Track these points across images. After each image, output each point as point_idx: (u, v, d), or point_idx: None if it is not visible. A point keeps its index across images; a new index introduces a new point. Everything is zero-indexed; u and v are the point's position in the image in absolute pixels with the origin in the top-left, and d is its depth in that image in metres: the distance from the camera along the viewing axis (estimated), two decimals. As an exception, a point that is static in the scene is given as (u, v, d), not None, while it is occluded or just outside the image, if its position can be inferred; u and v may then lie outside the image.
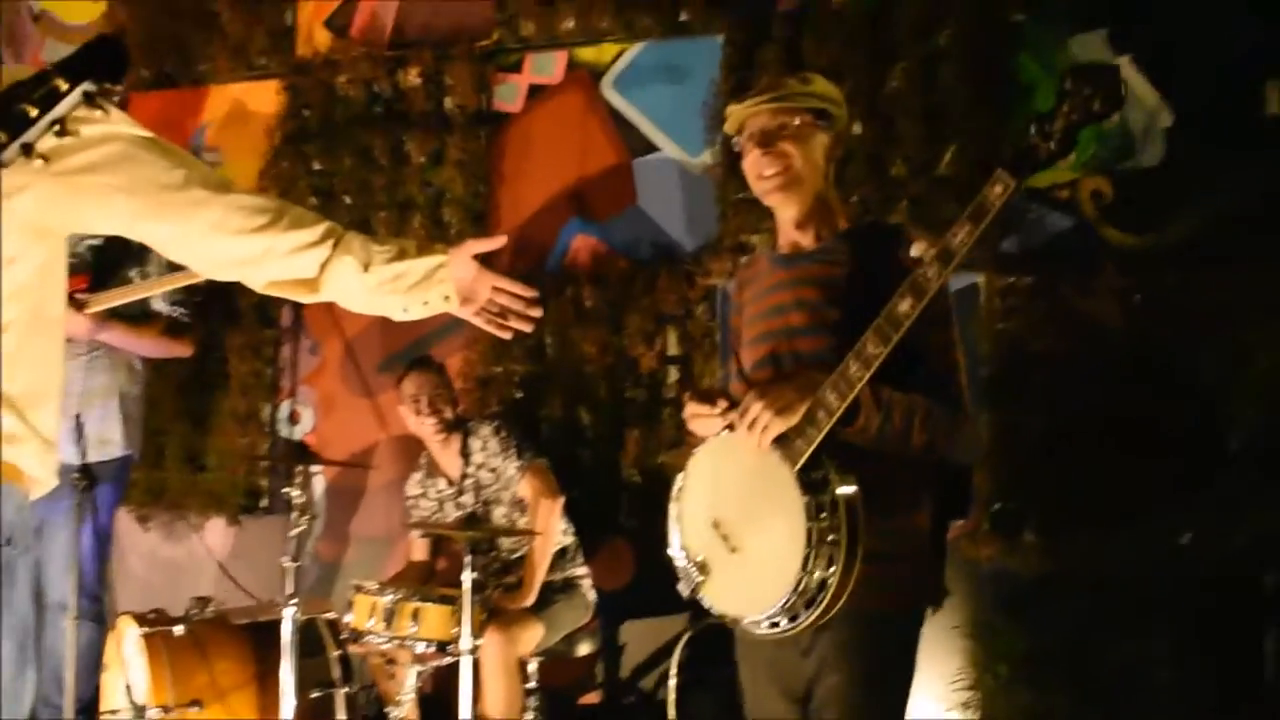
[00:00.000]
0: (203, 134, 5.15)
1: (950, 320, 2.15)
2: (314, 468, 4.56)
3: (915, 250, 1.91)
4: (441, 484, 4.06)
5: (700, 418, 2.21)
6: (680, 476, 2.28)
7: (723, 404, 2.17)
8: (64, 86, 1.47)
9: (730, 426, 2.13)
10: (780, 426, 2.02)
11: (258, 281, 1.95)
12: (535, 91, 4.71)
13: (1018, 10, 4.12)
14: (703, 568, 2.18)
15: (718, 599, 2.17)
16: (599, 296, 4.49)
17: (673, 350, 4.41)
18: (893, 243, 2.19)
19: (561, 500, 3.83)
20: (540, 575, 3.72)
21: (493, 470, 3.93)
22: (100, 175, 1.77)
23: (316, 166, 4.88)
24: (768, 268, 2.32)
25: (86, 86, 1.48)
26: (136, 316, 3.81)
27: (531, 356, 4.51)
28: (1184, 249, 3.80)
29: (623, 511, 4.30)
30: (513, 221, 4.69)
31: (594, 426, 4.23)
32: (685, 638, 3.58)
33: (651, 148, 4.52)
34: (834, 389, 1.97)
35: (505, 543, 3.94)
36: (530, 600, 3.70)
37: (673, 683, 3.56)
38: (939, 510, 2.22)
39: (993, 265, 4.02)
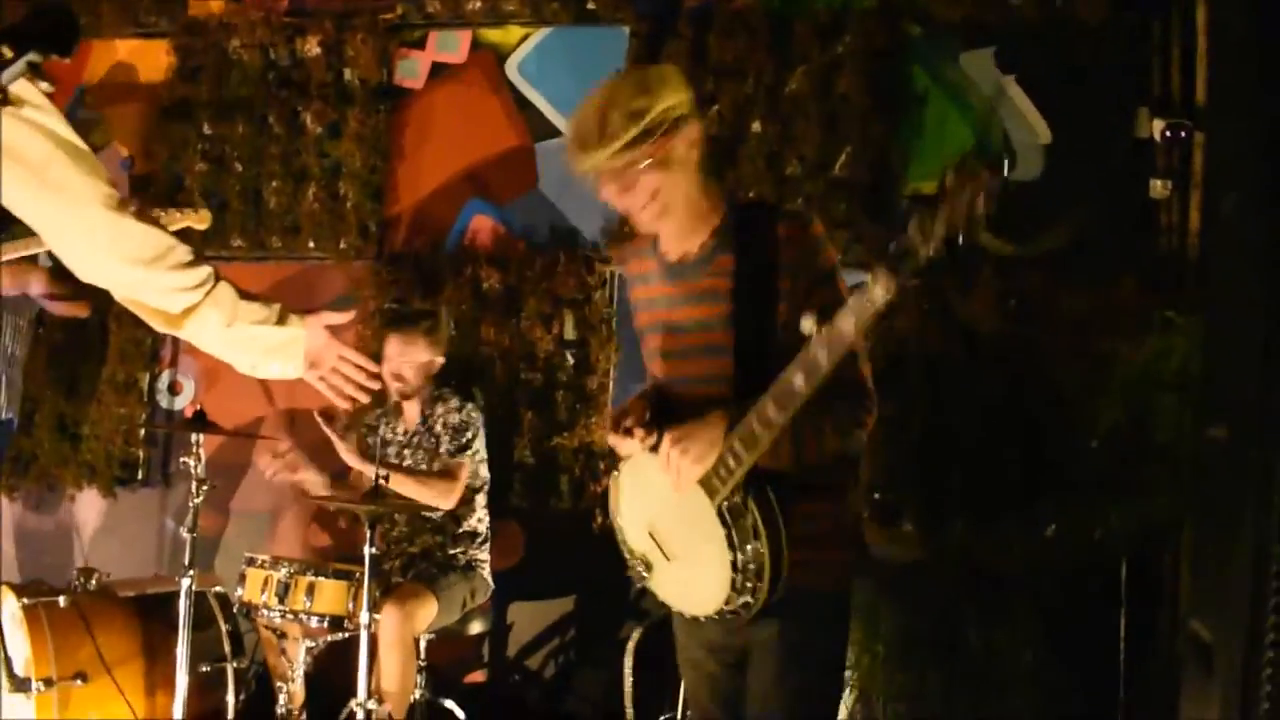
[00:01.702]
0: (81, 95, 5.02)
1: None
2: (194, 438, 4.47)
3: (805, 326, 1.85)
4: (400, 428, 4.04)
5: (620, 438, 2.20)
6: (613, 486, 2.33)
7: (645, 437, 2.15)
8: (8, 54, 1.49)
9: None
10: (695, 474, 2.05)
11: (120, 295, 2.02)
12: (438, 69, 4.74)
13: (913, 24, 4.37)
14: (647, 564, 2.26)
15: (664, 592, 2.26)
16: (497, 278, 4.56)
17: (570, 335, 4.50)
18: (767, 226, 2.15)
19: (457, 493, 3.83)
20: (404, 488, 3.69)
21: (441, 436, 3.93)
22: (18, 164, 1.79)
23: (207, 131, 4.84)
24: (656, 273, 2.26)
25: (32, 57, 1.51)
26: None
27: (428, 336, 4.51)
28: (1056, 257, 4.04)
29: (514, 493, 4.40)
30: (411, 198, 4.73)
31: (489, 408, 4.27)
32: (636, 636, 3.67)
33: (554, 132, 4.58)
34: (742, 441, 1.99)
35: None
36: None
37: (629, 684, 3.66)
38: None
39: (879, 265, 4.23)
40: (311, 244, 4.75)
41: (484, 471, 4.00)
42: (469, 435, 3.93)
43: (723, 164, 4.34)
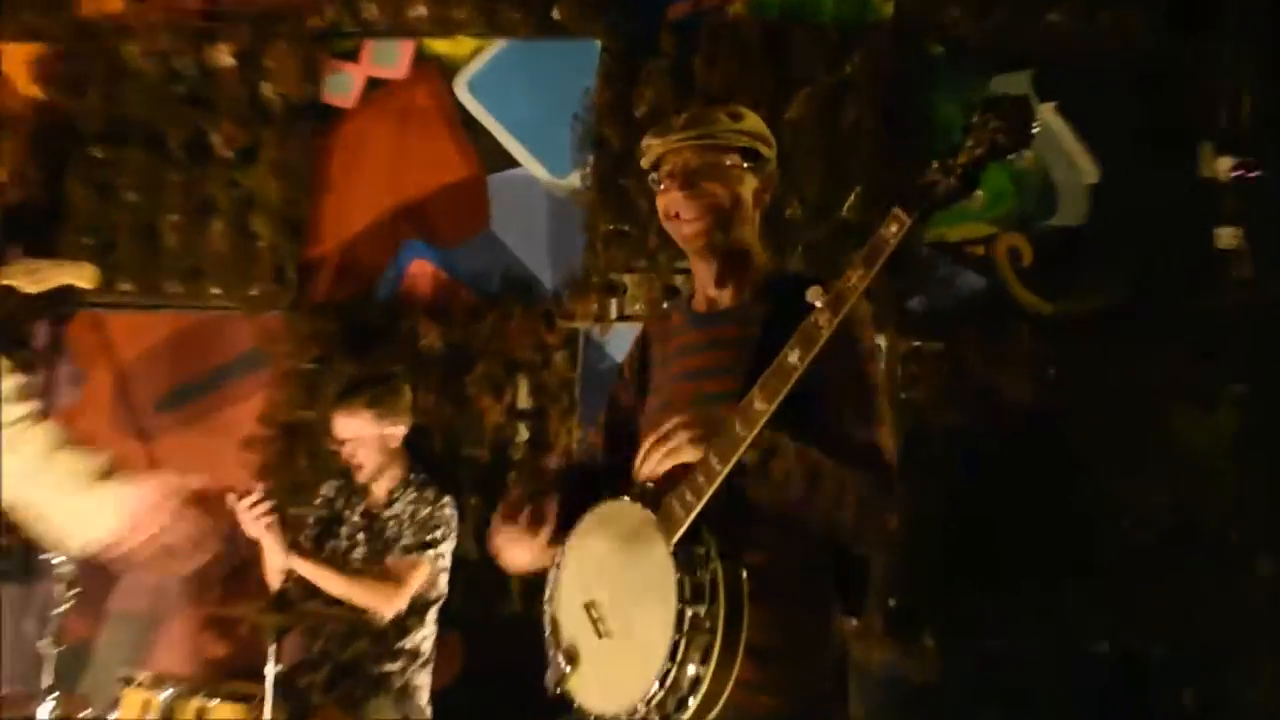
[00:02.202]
0: None
1: (869, 375, 2.16)
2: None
3: (811, 296, 1.92)
4: (360, 507, 3.91)
5: (512, 543, 2.22)
6: (551, 571, 2.25)
7: (542, 529, 2.18)
8: None
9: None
10: (689, 455, 2.03)
11: None
12: (374, 85, 4.64)
13: (935, 43, 4.21)
14: (571, 656, 2.18)
15: (584, 693, 2.14)
16: (439, 335, 4.39)
17: (524, 404, 4.35)
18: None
19: (401, 599, 3.66)
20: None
21: (399, 530, 3.82)
22: None
23: (96, 154, 4.68)
24: (682, 326, 2.36)
25: None
26: None
27: (352, 402, 4.32)
28: (1104, 317, 3.91)
29: (454, 595, 4.01)
30: (337, 238, 4.58)
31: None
32: None
33: (510, 163, 4.48)
34: (716, 451, 1.98)
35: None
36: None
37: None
38: (835, 604, 2.22)
39: (896, 326, 4.04)
40: (216, 290, 4.62)
41: (443, 584, 3.81)
42: (436, 534, 3.76)
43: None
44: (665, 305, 2.61)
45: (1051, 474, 3.85)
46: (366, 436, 3.78)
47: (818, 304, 1.92)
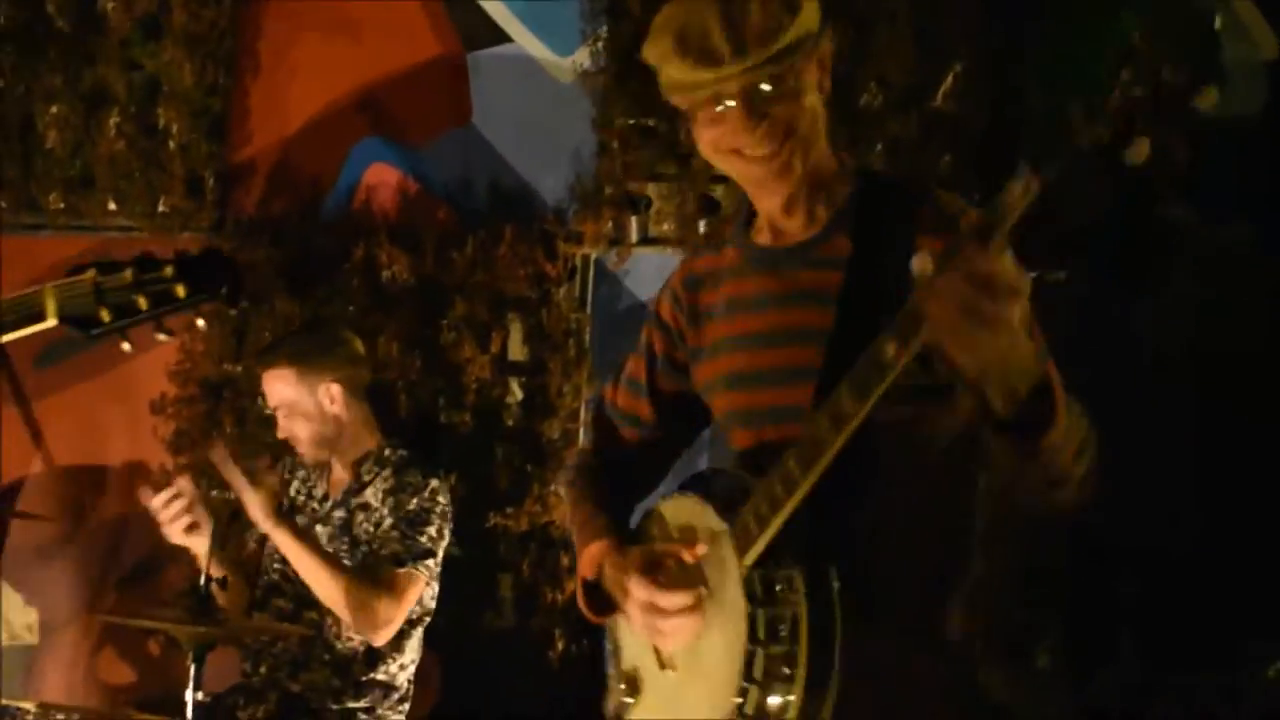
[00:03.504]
0: None
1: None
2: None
3: (916, 264, 1.82)
4: (320, 490, 3.95)
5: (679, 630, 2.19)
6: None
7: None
8: (181, 292, 2.17)
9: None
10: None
11: None
12: None
13: None
14: (633, 684, 2.28)
15: None
16: (405, 264, 4.41)
17: (517, 354, 4.39)
18: (913, 212, 2.19)
19: (393, 622, 3.65)
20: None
21: (377, 527, 3.82)
22: None
23: None
24: (739, 266, 2.35)
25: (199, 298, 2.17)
26: None
27: (295, 352, 4.41)
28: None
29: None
30: (271, 135, 4.60)
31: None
32: None
33: (499, 37, 4.46)
34: (799, 456, 2.00)
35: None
36: None
37: None
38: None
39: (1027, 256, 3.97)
40: (113, 205, 4.59)
41: (431, 597, 3.81)
42: (431, 533, 3.72)
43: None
44: (711, 234, 2.46)
45: (1219, 448, 3.75)
46: (296, 401, 3.84)
47: (921, 277, 1.83)
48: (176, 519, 3.54)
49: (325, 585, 3.59)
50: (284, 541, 3.51)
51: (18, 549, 4.43)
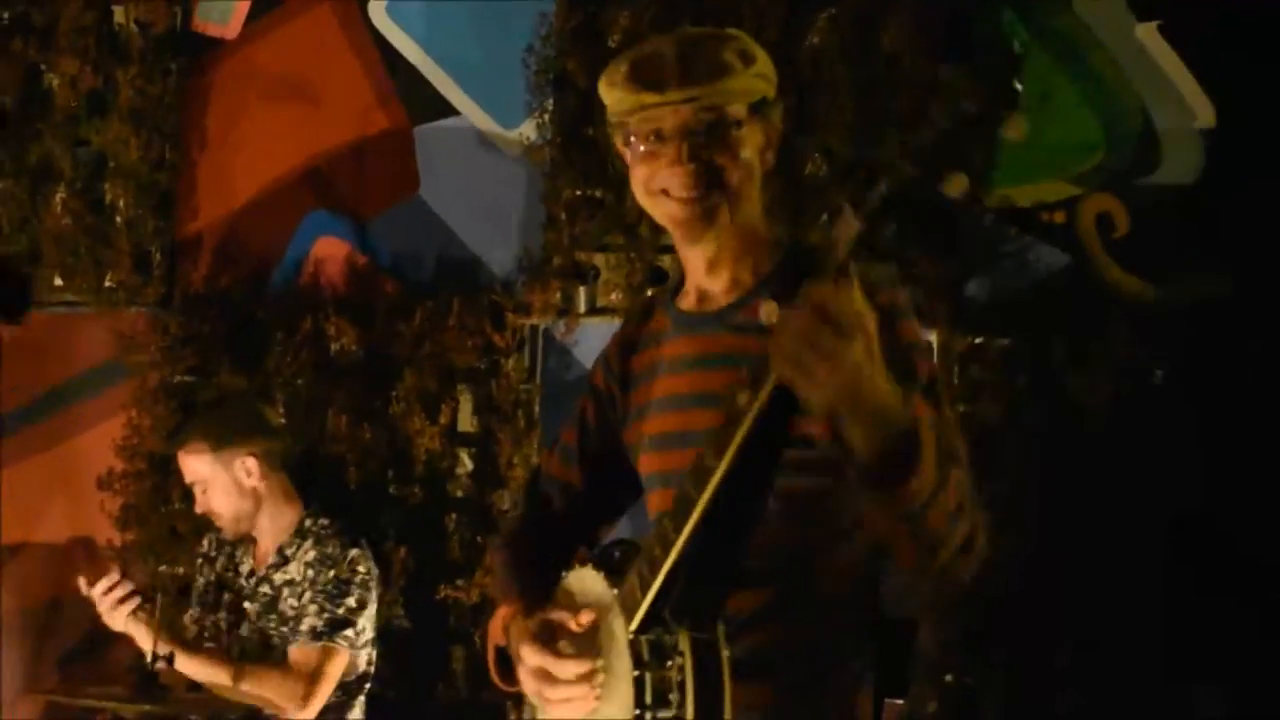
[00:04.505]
0: None
1: (919, 371, 2.07)
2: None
3: (763, 313, 1.83)
4: (246, 566, 3.91)
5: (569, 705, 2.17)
6: None
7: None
8: None
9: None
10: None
11: None
12: (261, 8, 4.64)
13: None
14: None
15: None
16: (353, 336, 4.40)
17: (467, 425, 4.36)
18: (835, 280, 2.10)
19: (316, 700, 3.63)
20: None
21: (299, 601, 3.78)
22: None
23: None
24: (667, 330, 2.35)
25: None
26: None
27: (241, 426, 4.37)
28: (1226, 304, 3.81)
29: (379, 673, 3.99)
30: (218, 208, 4.58)
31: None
32: None
33: (445, 109, 4.46)
34: (671, 518, 1.98)
35: None
36: None
37: None
38: (880, 682, 2.21)
39: (950, 318, 3.97)
40: (59, 281, 4.60)
41: (366, 661, 3.78)
42: (350, 603, 3.70)
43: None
44: (649, 294, 2.60)
45: (1156, 508, 3.76)
46: (211, 477, 3.81)
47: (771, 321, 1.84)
48: (116, 606, 3.52)
49: (232, 685, 3.57)
50: (181, 659, 3.51)
51: None
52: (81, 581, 3.49)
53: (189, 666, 3.55)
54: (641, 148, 2.20)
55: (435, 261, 4.40)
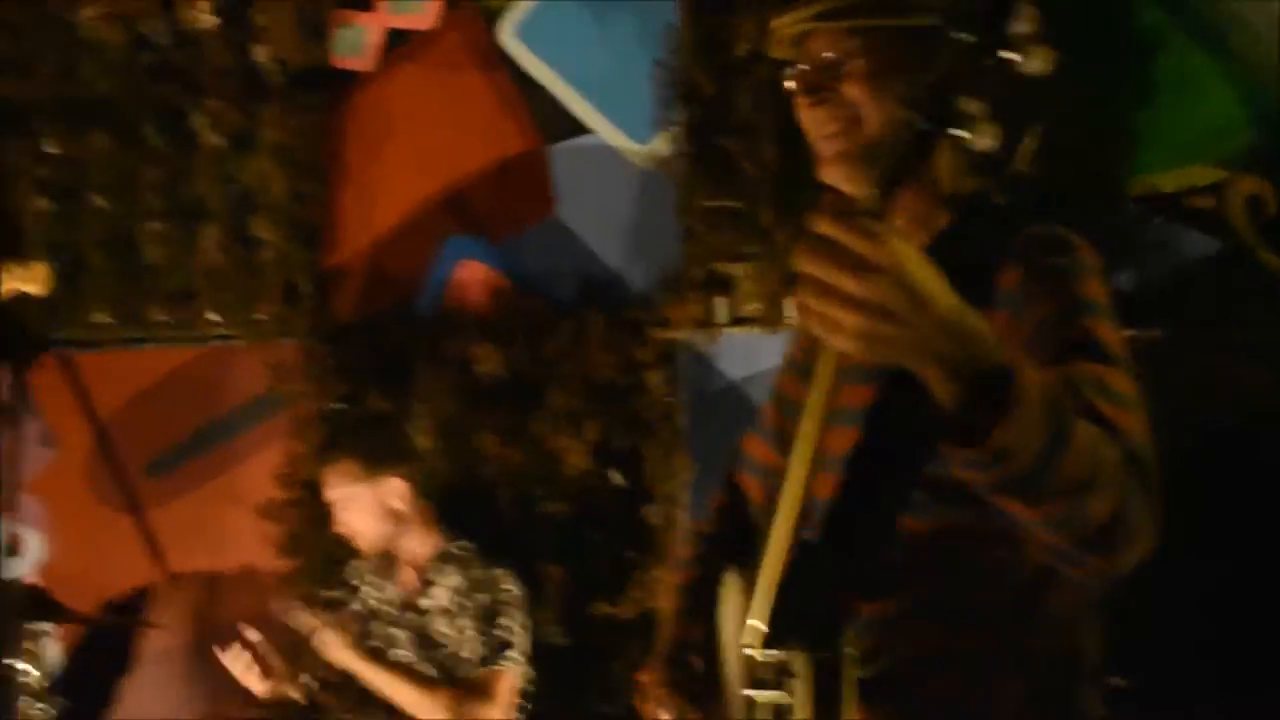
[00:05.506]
0: None
1: (1103, 339, 1.84)
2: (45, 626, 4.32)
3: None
4: (391, 590, 3.98)
5: None
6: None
7: None
8: None
9: None
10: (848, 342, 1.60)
11: None
12: (396, 40, 4.67)
13: None
14: None
15: None
16: (499, 357, 4.40)
17: (611, 442, 4.33)
18: (1002, 243, 1.92)
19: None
20: None
21: (454, 628, 3.83)
22: None
23: (50, 150, 4.73)
24: None
25: None
26: None
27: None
28: None
29: (534, 694, 4.06)
30: (361, 237, 4.63)
31: (489, 554, 4.05)
32: None
33: (578, 129, 4.47)
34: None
35: None
36: None
37: None
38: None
39: None
40: (213, 316, 4.66)
41: (524, 679, 3.89)
42: (507, 623, 3.79)
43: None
44: None
45: None
46: (357, 495, 3.86)
47: None
48: (250, 669, 3.66)
49: (422, 706, 3.66)
50: (370, 673, 3.63)
51: (144, 659, 4.51)
52: (217, 650, 3.64)
53: (375, 676, 3.65)
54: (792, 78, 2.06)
55: (574, 279, 4.42)
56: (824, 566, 1.86)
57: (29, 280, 3.59)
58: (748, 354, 4.15)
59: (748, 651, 1.88)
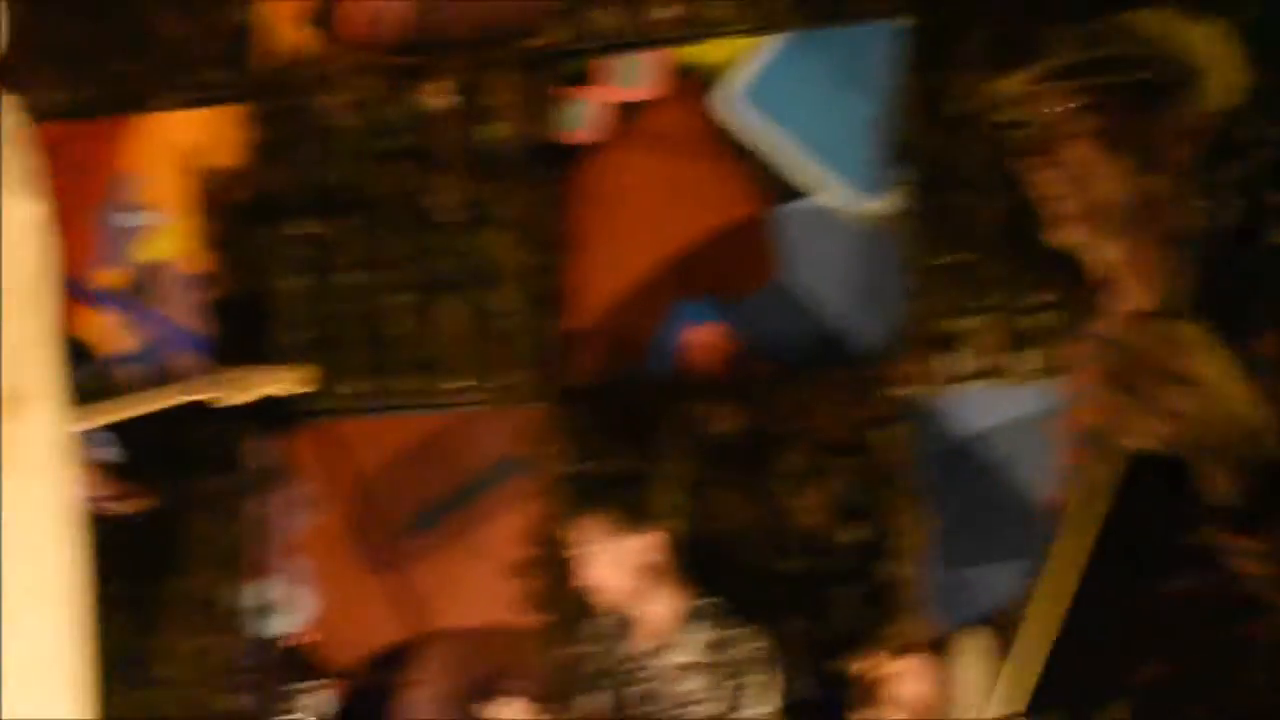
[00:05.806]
0: (127, 186, 5.06)
1: None
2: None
3: None
4: (622, 649, 4.03)
5: None
6: None
7: None
8: None
9: None
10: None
11: None
12: (620, 111, 4.71)
13: None
14: None
15: None
16: (731, 418, 4.45)
17: (846, 499, 4.36)
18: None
19: None
20: None
21: (702, 684, 3.87)
22: None
23: (301, 231, 4.88)
24: None
25: None
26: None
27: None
28: None
29: None
30: (596, 304, 4.70)
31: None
32: None
33: (798, 191, 4.48)
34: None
35: None
36: None
37: None
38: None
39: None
40: (457, 383, 4.74)
41: None
42: (756, 679, 3.84)
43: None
44: None
45: None
46: (607, 551, 3.89)
47: None
48: None
49: None
50: None
51: (407, 712, 4.65)
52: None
53: None
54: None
55: (803, 339, 4.42)
56: (1087, 632, 1.78)
57: (298, 382, 3.77)
58: (978, 408, 4.17)
59: None
